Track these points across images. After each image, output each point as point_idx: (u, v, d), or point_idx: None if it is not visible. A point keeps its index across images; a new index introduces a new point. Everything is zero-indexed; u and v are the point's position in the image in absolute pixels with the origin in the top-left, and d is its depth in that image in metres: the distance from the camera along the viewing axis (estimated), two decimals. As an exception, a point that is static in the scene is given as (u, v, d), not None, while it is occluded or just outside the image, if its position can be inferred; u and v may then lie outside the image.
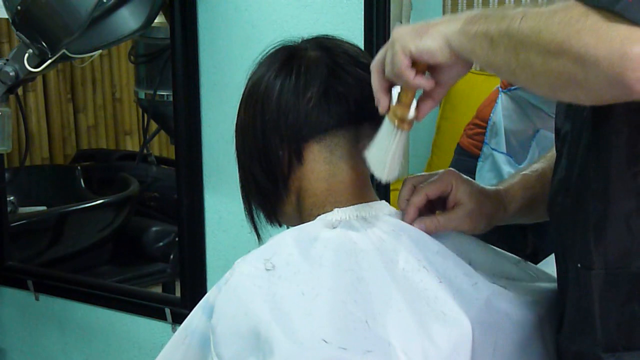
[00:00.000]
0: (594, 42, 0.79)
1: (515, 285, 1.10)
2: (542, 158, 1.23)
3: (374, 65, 1.03)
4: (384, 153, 1.04)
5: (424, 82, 0.98)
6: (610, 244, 0.91)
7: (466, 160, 2.63)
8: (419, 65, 0.98)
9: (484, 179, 2.48)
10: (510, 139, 2.54)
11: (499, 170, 2.51)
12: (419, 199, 1.10)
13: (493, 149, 2.52)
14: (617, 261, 0.91)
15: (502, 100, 2.59)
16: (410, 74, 0.97)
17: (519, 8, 0.87)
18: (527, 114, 2.51)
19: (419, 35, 0.96)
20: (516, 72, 0.87)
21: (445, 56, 0.94)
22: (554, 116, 1.08)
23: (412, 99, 1.02)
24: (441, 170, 1.14)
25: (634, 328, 0.91)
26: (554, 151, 1.08)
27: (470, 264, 1.07)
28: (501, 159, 2.51)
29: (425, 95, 1.02)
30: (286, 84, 1.09)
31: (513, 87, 2.56)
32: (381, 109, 1.03)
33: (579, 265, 0.93)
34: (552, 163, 1.07)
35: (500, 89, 2.62)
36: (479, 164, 2.56)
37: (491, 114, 2.58)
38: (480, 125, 2.61)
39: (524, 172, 1.21)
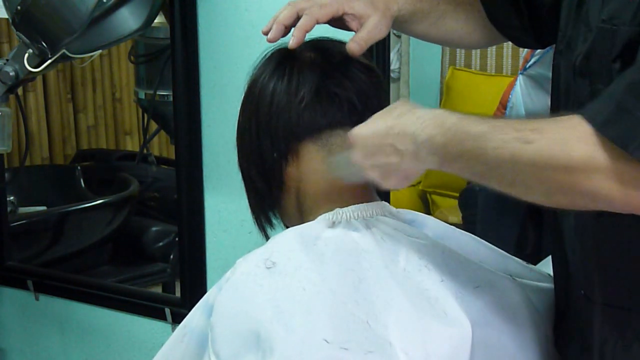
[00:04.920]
0: (609, 185, 0.80)
1: (519, 283, 1.10)
2: None
3: None
4: None
5: None
6: None
7: None
8: None
9: None
10: None
11: None
12: (308, 24, 1.10)
13: None
14: None
15: (520, 81, 2.59)
16: None
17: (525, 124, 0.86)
18: (547, 89, 2.51)
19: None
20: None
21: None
22: None
23: None
24: None
25: None
26: None
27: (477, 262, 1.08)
28: None
29: None
30: (279, 85, 1.09)
31: (528, 66, 2.55)
32: None
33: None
34: None
35: (519, 72, 2.62)
36: None
37: (510, 96, 2.58)
38: (502, 112, 2.61)
39: None
